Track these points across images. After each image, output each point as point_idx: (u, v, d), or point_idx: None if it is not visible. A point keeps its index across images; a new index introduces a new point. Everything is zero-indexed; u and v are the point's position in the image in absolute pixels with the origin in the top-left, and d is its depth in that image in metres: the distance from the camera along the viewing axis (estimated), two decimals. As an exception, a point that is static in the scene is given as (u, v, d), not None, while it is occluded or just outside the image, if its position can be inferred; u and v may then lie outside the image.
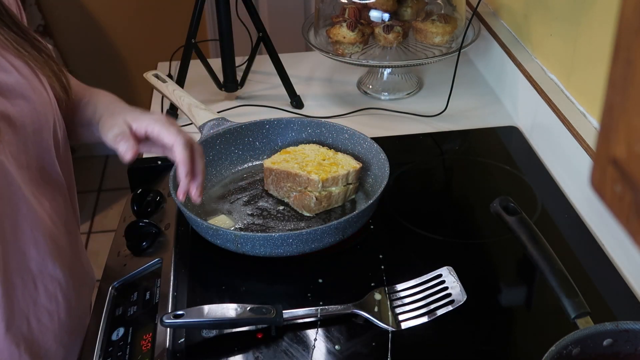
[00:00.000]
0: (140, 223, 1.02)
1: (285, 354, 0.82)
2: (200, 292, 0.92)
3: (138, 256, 0.99)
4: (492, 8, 1.49)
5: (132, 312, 0.91)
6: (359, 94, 1.44)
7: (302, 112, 1.37)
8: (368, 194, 1.06)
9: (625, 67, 0.34)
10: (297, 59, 1.57)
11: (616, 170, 0.36)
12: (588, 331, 0.71)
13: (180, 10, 2.60)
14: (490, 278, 0.96)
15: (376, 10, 1.34)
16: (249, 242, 0.92)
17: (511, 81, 1.32)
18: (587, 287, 0.88)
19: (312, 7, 2.43)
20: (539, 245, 0.87)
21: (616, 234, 0.95)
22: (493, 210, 0.96)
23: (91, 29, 2.75)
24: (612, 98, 0.36)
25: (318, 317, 0.86)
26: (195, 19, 1.33)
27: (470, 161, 1.22)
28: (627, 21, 0.34)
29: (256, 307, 0.84)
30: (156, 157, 1.19)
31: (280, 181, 1.04)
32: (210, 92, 1.43)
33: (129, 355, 0.84)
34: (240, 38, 1.46)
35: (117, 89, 2.52)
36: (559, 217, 1.05)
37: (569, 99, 1.14)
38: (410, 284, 0.90)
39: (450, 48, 1.34)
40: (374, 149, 1.07)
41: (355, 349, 0.83)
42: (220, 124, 1.12)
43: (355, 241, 0.99)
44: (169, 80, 1.22)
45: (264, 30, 1.36)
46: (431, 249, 0.99)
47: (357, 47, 1.34)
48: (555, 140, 1.14)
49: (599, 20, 1.03)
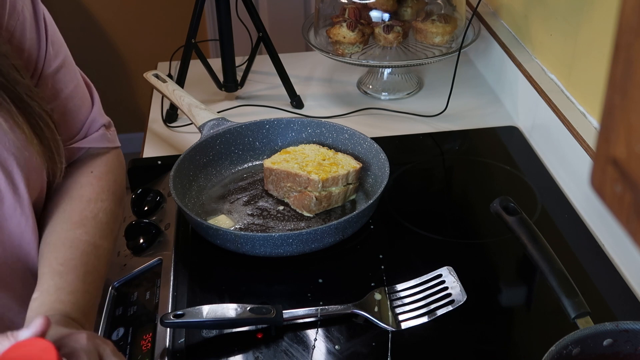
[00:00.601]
0: (140, 223, 1.02)
1: (285, 354, 0.82)
2: (200, 292, 0.92)
3: (138, 256, 0.99)
4: (492, 8, 1.49)
5: (132, 312, 0.91)
6: (359, 94, 1.44)
7: (302, 112, 1.37)
8: (368, 194, 1.06)
9: (625, 67, 0.34)
10: (297, 59, 1.57)
11: (616, 170, 0.36)
12: (588, 331, 0.71)
13: (180, 10, 2.60)
14: (490, 278, 0.96)
15: (376, 10, 1.34)
16: (249, 242, 0.92)
17: (511, 81, 1.32)
18: (587, 287, 0.88)
19: (312, 7, 2.43)
20: (539, 245, 0.87)
21: (616, 234, 0.95)
22: (493, 210, 0.96)
23: (91, 29, 2.75)
24: (612, 98, 0.36)
25: (318, 317, 0.86)
26: (195, 19, 1.33)
27: (470, 161, 1.22)
28: (627, 21, 0.34)
29: (256, 307, 0.84)
30: (156, 157, 1.19)
31: (280, 181, 1.04)
32: (210, 92, 1.43)
33: (129, 355, 0.84)
34: (240, 38, 1.46)
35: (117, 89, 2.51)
36: (559, 217, 1.05)
37: (568, 98, 1.14)
38: (410, 284, 0.90)
39: (450, 48, 1.34)
40: (374, 149, 1.07)
41: (355, 349, 0.83)
42: (220, 124, 1.12)
43: (355, 241, 0.99)
44: (169, 80, 1.23)
45: (264, 30, 1.36)
46: (431, 249, 0.99)
47: (357, 47, 1.34)
48: (555, 140, 1.14)
49: (598, 20, 1.03)
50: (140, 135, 1.38)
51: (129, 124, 2.58)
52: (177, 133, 1.33)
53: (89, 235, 0.84)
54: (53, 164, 0.81)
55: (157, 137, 1.32)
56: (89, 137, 0.91)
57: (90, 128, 0.91)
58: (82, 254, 0.82)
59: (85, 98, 0.91)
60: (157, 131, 1.34)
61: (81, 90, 0.90)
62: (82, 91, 0.90)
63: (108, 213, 0.88)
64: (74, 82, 0.88)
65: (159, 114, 1.38)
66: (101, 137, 0.92)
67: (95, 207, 0.87)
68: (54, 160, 0.80)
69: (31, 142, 0.76)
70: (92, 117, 0.91)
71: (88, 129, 0.91)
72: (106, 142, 0.93)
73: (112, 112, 1.06)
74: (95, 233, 0.84)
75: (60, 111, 0.85)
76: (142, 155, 1.26)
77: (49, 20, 0.84)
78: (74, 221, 0.84)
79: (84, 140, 0.90)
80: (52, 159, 0.80)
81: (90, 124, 0.91)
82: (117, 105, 1.06)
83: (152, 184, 1.13)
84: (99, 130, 0.92)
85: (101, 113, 0.93)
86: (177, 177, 1.01)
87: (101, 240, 0.85)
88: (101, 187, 0.89)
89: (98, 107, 0.92)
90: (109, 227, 0.87)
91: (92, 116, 0.91)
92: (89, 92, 0.92)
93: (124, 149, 0.99)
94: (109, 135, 0.94)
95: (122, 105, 2.80)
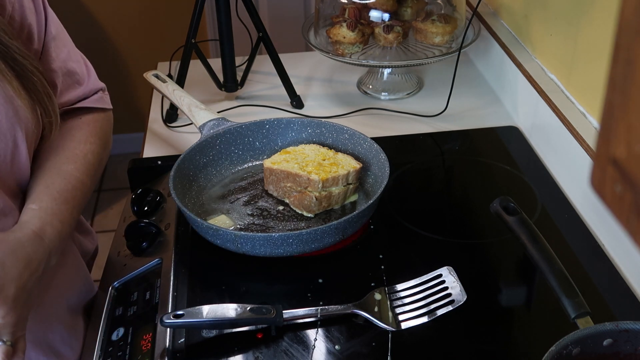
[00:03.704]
0: (140, 223, 1.02)
1: (285, 354, 0.82)
2: (200, 292, 0.92)
3: (138, 256, 0.99)
4: (492, 8, 1.49)
5: (132, 312, 0.91)
6: (359, 94, 1.44)
7: (302, 112, 1.37)
8: (368, 194, 1.06)
9: (625, 67, 0.34)
10: (297, 59, 1.57)
11: (616, 170, 0.36)
12: (588, 331, 0.71)
13: (180, 10, 2.61)
14: (490, 278, 0.96)
15: (376, 10, 1.35)
16: (249, 242, 0.92)
17: (511, 81, 1.32)
18: (587, 287, 0.88)
19: (312, 7, 2.43)
20: (539, 245, 0.87)
21: (616, 234, 0.95)
22: (493, 210, 0.96)
23: (91, 29, 2.75)
24: (612, 98, 0.36)
25: (318, 317, 0.86)
26: (195, 19, 1.33)
27: (470, 161, 1.22)
28: (627, 21, 0.34)
29: (256, 307, 0.84)
30: (156, 157, 1.19)
31: (280, 181, 1.04)
32: (210, 92, 1.43)
33: (129, 355, 0.84)
34: (240, 38, 1.46)
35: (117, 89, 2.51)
36: (559, 217, 1.05)
37: (568, 98, 1.14)
38: (410, 284, 0.90)
39: (450, 48, 1.34)
40: (374, 149, 1.07)
41: (355, 349, 0.83)
42: (220, 124, 1.12)
43: (355, 241, 0.99)
44: (169, 80, 1.23)
45: (264, 30, 1.36)
46: (431, 249, 0.99)
47: (357, 47, 1.34)
48: (555, 140, 1.14)
49: (598, 20, 1.03)
50: (140, 135, 1.38)
51: (129, 124, 2.58)
52: (177, 133, 1.33)
53: (78, 172, 0.91)
54: (48, 117, 0.86)
55: (157, 137, 1.32)
56: (88, 99, 1.00)
57: (89, 92, 1.00)
58: (73, 188, 0.89)
59: (81, 61, 1.00)
60: (157, 131, 1.34)
61: (76, 52, 1.00)
62: (76, 53, 1.00)
63: (95, 155, 0.96)
64: (67, 46, 0.97)
65: (159, 114, 1.38)
66: (98, 99, 1.01)
67: (85, 147, 0.95)
68: (49, 113, 0.86)
69: (19, 95, 0.82)
70: (91, 79, 1.00)
71: (87, 93, 0.99)
72: (101, 103, 1.02)
73: (112, 112, 1.06)
74: (83, 171, 0.92)
75: (63, 72, 0.94)
76: (142, 155, 1.27)
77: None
78: (66, 156, 0.92)
79: (83, 102, 0.99)
80: (47, 112, 0.86)
81: (88, 88, 1.00)
82: (117, 105, 1.06)
83: (152, 184, 1.13)
84: (97, 93, 1.01)
85: (96, 78, 1.03)
86: (177, 177, 1.01)
87: (87, 178, 0.93)
88: (89, 131, 0.97)
89: (93, 72, 1.02)
90: (94, 168, 0.95)
91: (91, 79, 1.00)
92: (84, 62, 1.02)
93: (124, 149, 1.01)
94: (105, 98, 1.04)
95: (122, 105, 2.80)
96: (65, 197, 0.88)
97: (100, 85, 1.03)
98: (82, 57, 1.02)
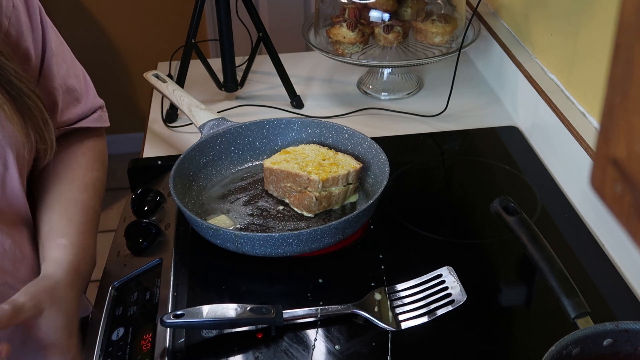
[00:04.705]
0: (140, 223, 1.02)
1: (285, 354, 0.82)
2: (200, 292, 0.92)
3: (138, 256, 0.99)
4: (492, 8, 1.49)
5: (132, 312, 0.91)
6: (359, 94, 1.44)
7: (302, 112, 1.37)
8: (368, 194, 1.06)
9: (625, 67, 0.34)
10: (297, 59, 1.57)
11: (616, 170, 0.36)
12: (588, 331, 0.71)
13: (180, 10, 2.61)
14: (490, 278, 0.96)
15: (376, 10, 1.34)
16: (249, 242, 0.92)
17: (511, 81, 1.32)
18: (587, 287, 0.88)
19: (312, 7, 2.43)
20: (539, 245, 0.87)
21: (616, 234, 0.95)
22: (493, 210, 0.96)
23: (91, 29, 2.75)
24: (612, 98, 0.36)
25: (318, 317, 0.86)
26: (195, 19, 1.33)
27: (470, 161, 1.22)
28: (627, 21, 0.34)
29: (256, 307, 0.84)
30: (156, 157, 1.19)
31: (280, 181, 1.04)
32: (210, 92, 1.43)
33: (129, 355, 0.84)
34: (240, 38, 1.46)
35: (117, 89, 2.52)
36: (559, 217, 1.05)
37: (568, 98, 1.14)
38: (410, 284, 0.90)
39: (450, 48, 1.34)
40: (374, 149, 1.07)
41: (355, 349, 0.83)
42: (220, 124, 1.12)
43: (355, 241, 0.99)
44: (169, 80, 1.23)
45: (264, 30, 1.36)
46: (431, 249, 0.99)
47: (357, 47, 1.34)
48: (555, 140, 1.14)
49: (598, 20, 1.03)
50: (140, 135, 1.38)
51: (129, 124, 2.58)
52: (177, 133, 1.33)
53: (92, 201, 0.92)
54: (43, 144, 0.85)
55: (157, 137, 1.32)
56: (87, 119, 0.99)
57: (88, 110, 0.99)
58: (92, 219, 0.91)
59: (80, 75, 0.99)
60: (157, 131, 1.34)
61: (75, 66, 0.98)
62: (76, 66, 0.98)
63: (101, 182, 0.97)
64: (67, 61, 0.95)
65: (159, 114, 1.38)
66: (97, 118, 1.00)
67: (92, 175, 0.95)
68: (44, 140, 0.84)
69: (12, 121, 0.80)
70: (89, 96, 0.99)
71: (86, 111, 0.99)
72: (100, 122, 1.02)
73: (112, 112, 1.06)
74: (95, 199, 0.93)
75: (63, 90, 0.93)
76: (142, 155, 1.27)
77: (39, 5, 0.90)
78: (78, 185, 0.92)
79: (82, 121, 0.98)
80: (42, 138, 0.84)
81: (87, 106, 0.99)
82: (117, 105, 1.06)
83: (152, 184, 1.13)
84: (96, 112, 1.01)
85: (95, 94, 1.01)
86: (177, 177, 1.01)
87: (99, 206, 0.93)
88: (93, 157, 0.98)
89: (92, 88, 1.01)
90: (101, 196, 0.96)
91: (89, 96, 0.99)
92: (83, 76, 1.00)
93: (124, 149, 1.01)
94: (104, 116, 1.03)
95: (122, 105, 2.80)
96: (88, 230, 0.89)
97: (99, 103, 1.02)
98: (82, 71, 1.00)
